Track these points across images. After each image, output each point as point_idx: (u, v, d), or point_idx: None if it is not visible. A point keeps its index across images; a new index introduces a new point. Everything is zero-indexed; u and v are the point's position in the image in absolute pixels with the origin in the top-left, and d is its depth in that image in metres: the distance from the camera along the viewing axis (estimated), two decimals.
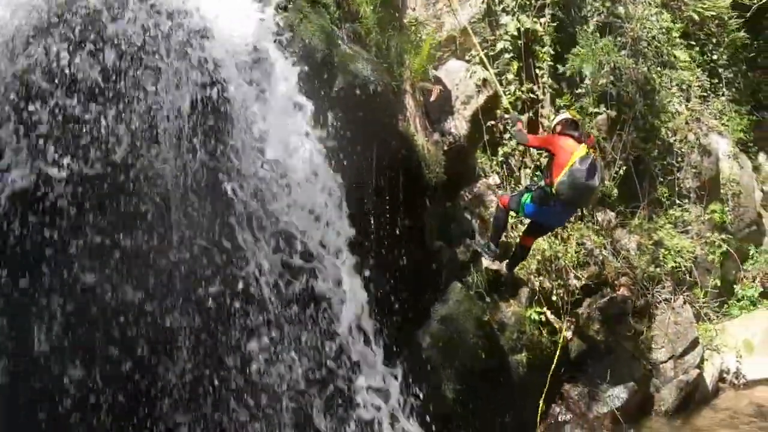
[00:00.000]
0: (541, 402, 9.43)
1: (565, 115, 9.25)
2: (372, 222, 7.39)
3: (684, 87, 13.50)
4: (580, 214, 10.91)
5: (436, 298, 8.63)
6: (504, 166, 10.47)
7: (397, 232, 7.78)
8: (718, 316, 12.87)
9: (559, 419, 10.00)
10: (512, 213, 9.49)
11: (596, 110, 11.51)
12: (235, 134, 5.60)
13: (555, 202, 8.73)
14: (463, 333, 8.55)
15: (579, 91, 11.61)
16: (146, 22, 5.25)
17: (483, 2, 11.05)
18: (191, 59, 5.40)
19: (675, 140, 12.78)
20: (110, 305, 5.03)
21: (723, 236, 13.11)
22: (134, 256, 5.10)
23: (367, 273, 6.65)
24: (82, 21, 5.03)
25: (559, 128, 8.97)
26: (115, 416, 5.07)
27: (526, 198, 9.04)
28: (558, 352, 10.23)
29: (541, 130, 10.91)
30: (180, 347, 5.30)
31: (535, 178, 9.31)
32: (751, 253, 14.33)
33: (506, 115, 10.06)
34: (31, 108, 4.79)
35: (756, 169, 15.56)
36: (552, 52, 11.13)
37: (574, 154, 8.48)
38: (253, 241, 5.69)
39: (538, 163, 10.63)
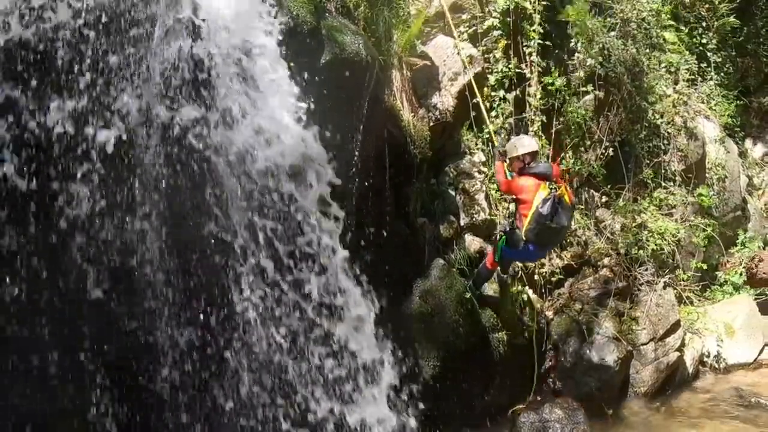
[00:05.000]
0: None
1: (522, 147, 8.80)
2: (355, 197, 7.36)
3: (672, 70, 13.42)
4: None
5: (418, 274, 8.63)
6: (490, 143, 10.40)
7: (382, 207, 7.76)
8: (700, 300, 12.88)
9: (539, 398, 10.00)
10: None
11: (584, 89, 11.44)
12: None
13: (528, 244, 8.68)
14: (443, 308, 8.56)
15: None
16: None
17: None
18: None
19: (662, 123, 12.71)
20: None
21: (707, 220, 13.11)
22: None
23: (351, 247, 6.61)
24: None
25: (519, 164, 8.74)
26: None
27: (502, 241, 9.00)
28: (539, 332, 10.28)
29: (527, 108, 10.86)
30: None
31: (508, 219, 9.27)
32: (739, 239, 14.35)
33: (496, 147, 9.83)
34: None
35: (742, 154, 15.57)
36: (541, 31, 11.03)
37: (536, 197, 8.39)
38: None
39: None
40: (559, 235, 8.95)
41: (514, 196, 8.92)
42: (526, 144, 8.84)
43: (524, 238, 8.56)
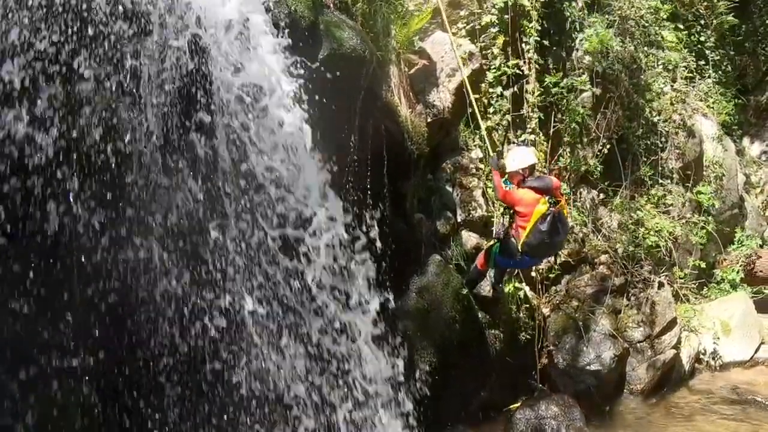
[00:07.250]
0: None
1: (520, 162, 8.63)
2: (352, 192, 7.35)
3: (670, 68, 13.43)
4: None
5: (415, 270, 8.62)
6: (486, 141, 10.38)
7: (379, 203, 7.74)
8: (696, 298, 12.88)
9: (535, 395, 10.00)
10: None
11: (582, 87, 11.44)
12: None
13: (524, 255, 8.66)
14: (440, 304, 8.55)
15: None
16: None
17: None
18: None
19: (659, 120, 12.73)
20: None
21: (704, 218, 13.11)
22: None
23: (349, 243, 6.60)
24: None
25: (518, 178, 8.57)
26: None
27: (496, 248, 8.96)
28: (536, 329, 10.29)
29: (525, 105, 10.86)
30: None
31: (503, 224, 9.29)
32: (737, 237, 14.35)
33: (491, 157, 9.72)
34: None
35: (739, 152, 15.59)
36: (539, 28, 11.02)
37: (535, 211, 8.29)
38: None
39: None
40: (555, 248, 9.04)
41: (510, 207, 8.83)
42: (523, 158, 8.69)
43: (520, 250, 8.55)
